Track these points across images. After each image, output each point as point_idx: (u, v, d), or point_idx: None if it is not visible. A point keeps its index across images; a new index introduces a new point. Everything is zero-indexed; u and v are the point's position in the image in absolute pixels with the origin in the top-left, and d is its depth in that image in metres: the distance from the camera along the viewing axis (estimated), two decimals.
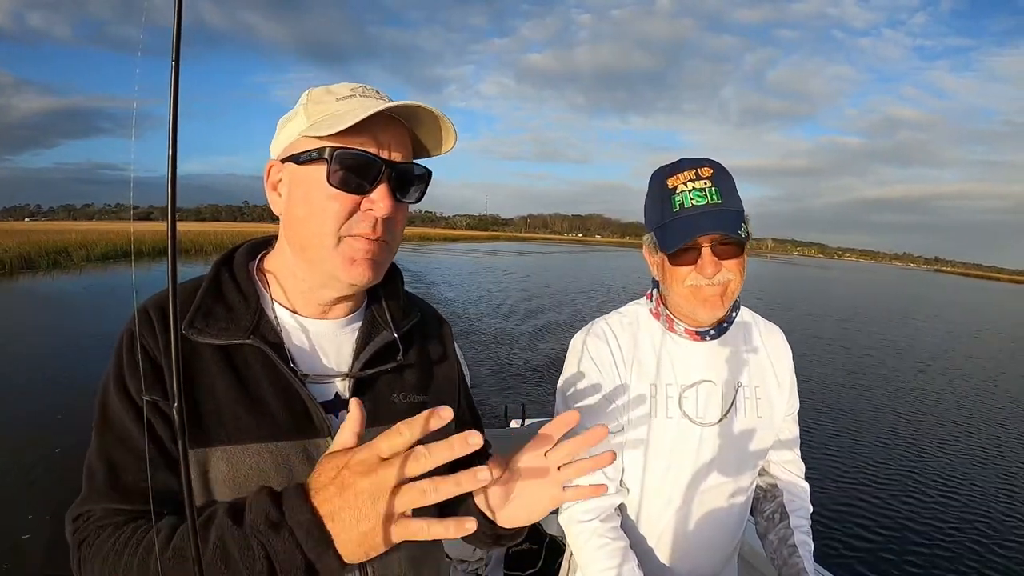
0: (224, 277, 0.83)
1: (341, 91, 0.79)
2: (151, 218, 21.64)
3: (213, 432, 0.74)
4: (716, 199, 1.06)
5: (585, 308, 17.51)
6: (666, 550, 1.23)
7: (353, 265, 0.78)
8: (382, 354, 0.87)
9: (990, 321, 26.79)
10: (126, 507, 0.73)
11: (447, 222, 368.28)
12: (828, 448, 7.01)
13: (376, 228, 0.78)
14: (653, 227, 1.14)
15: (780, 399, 1.26)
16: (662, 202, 1.11)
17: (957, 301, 41.30)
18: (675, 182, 1.09)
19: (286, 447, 0.76)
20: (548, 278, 29.18)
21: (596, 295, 22.00)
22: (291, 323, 0.84)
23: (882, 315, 22.43)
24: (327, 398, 0.82)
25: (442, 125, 0.81)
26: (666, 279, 1.15)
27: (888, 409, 9.02)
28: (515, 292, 21.36)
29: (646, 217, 1.18)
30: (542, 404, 6.94)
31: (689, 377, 1.19)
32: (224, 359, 0.77)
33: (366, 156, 0.76)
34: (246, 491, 0.71)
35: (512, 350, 10.54)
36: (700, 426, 1.18)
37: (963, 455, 7.21)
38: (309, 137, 0.77)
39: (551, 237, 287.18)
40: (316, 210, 0.77)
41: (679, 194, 1.08)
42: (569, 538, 1.21)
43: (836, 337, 15.78)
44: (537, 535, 2.38)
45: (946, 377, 11.74)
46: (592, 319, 1.28)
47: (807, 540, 1.25)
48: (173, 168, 0.48)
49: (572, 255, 62.28)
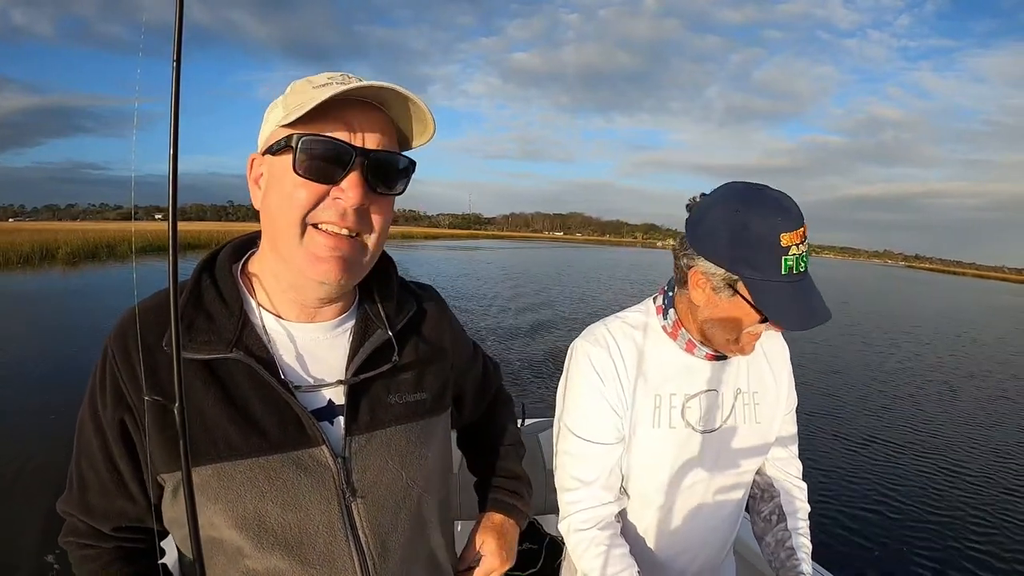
0: (205, 284, 0.77)
1: (319, 79, 0.73)
2: (137, 218, 21.09)
3: (203, 450, 0.70)
4: (807, 266, 0.99)
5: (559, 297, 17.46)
6: (663, 551, 1.22)
7: (318, 262, 0.72)
8: (377, 356, 0.82)
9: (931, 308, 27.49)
10: (101, 528, 0.77)
11: (430, 221, 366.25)
12: (818, 444, 6.97)
13: (345, 218, 0.71)
14: (747, 274, 0.98)
15: (779, 402, 1.23)
16: (767, 252, 0.96)
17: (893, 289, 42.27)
18: (789, 240, 0.95)
19: (278, 460, 0.73)
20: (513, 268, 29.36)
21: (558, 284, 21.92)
22: (277, 330, 0.79)
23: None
24: (320, 405, 0.78)
25: (413, 109, 0.73)
26: (717, 318, 1.05)
27: (864, 402, 9.09)
28: (498, 285, 21.31)
29: (727, 244, 0.99)
30: (541, 404, 6.84)
31: (693, 387, 1.15)
32: (209, 374, 0.73)
33: (334, 143, 0.70)
34: (240, 507, 0.71)
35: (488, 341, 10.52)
36: (701, 433, 1.16)
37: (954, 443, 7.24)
38: (284, 127, 0.71)
39: (530, 235, 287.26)
40: (284, 198, 0.71)
41: (792, 256, 0.96)
42: (569, 547, 1.18)
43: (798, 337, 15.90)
44: (537, 535, 2.34)
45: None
46: (567, 311, 1.28)
47: (805, 542, 1.23)
48: (174, 168, 0.47)
49: (518, 251, 62.61)
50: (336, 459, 0.75)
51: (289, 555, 0.73)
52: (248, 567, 0.72)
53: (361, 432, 0.78)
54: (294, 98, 0.72)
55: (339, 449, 0.76)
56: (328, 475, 0.74)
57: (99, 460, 0.74)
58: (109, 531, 0.78)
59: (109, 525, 0.77)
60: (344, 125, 0.71)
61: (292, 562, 0.73)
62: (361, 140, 0.71)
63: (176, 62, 0.46)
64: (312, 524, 0.73)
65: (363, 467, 0.77)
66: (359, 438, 0.78)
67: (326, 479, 0.74)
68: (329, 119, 0.70)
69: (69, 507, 0.78)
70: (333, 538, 0.74)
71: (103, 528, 0.78)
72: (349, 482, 0.76)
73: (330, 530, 0.74)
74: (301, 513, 0.73)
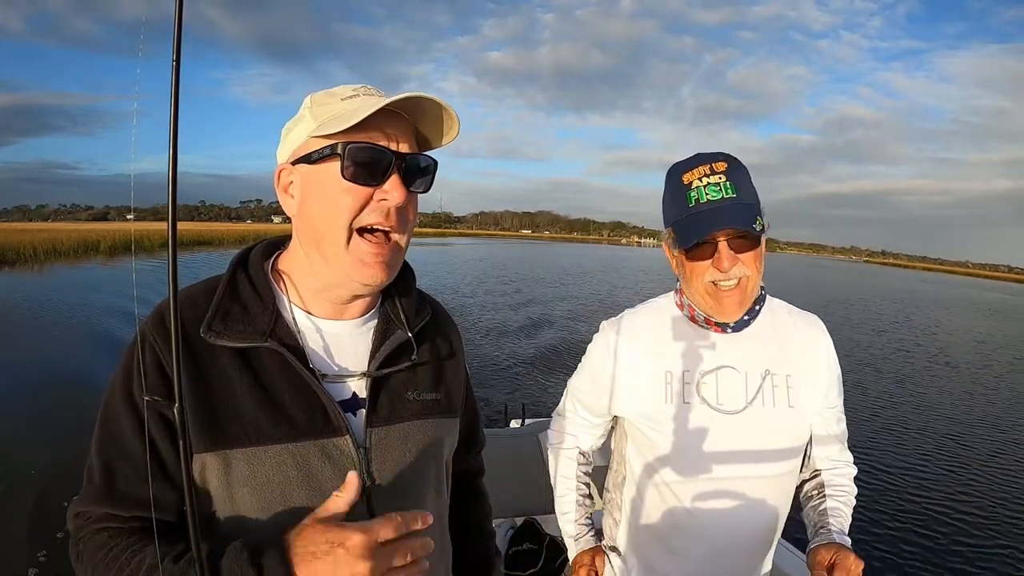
0: (240, 278, 0.80)
1: (344, 92, 0.77)
2: (108, 218, 19.86)
3: (234, 434, 0.71)
4: (731, 193, 1.02)
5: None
6: (690, 533, 1.16)
7: (364, 267, 0.76)
8: (397, 353, 0.85)
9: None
10: (122, 513, 0.72)
11: None
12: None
13: (389, 217, 0.76)
14: (670, 223, 1.09)
15: (816, 390, 1.16)
16: (678, 198, 1.06)
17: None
18: (690, 177, 1.05)
19: (305, 447, 0.74)
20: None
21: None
22: (307, 324, 0.81)
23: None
24: (344, 397, 0.80)
25: (445, 115, 0.79)
26: (685, 275, 1.11)
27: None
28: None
29: (664, 214, 1.13)
30: (541, 403, 6.73)
31: (708, 364, 1.14)
32: (242, 362, 0.74)
33: (378, 149, 0.74)
34: (268, 492, 0.72)
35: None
36: (722, 413, 1.12)
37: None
38: (319, 137, 0.75)
39: (497, 233, 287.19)
40: (330, 204, 0.75)
41: (694, 189, 1.04)
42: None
43: None
44: (537, 535, 2.32)
45: None
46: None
47: (840, 507, 1.15)
48: (174, 168, 0.45)
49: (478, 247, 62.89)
50: (358, 449, 0.77)
51: None
52: None
53: (381, 424, 0.80)
54: (322, 110, 0.76)
55: (361, 439, 0.78)
56: (351, 464, 0.76)
57: (134, 444, 0.71)
58: (137, 524, 0.73)
59: (138, 516, 0.73)
60: (380, 132, 0.75)
61: None
62: (396, 145, 0.76)
63: (176, 62, 0.44)
64: None
65: (382, 458, 0.80)
66: (379, 430, 0.80)
67: (349, 468, 0.74)
68: (368, 128, 0.73)
69: (88, 505, 0.73)
70: None
71: (130, 522, 0.73)
72: (369, 472, 0.78)
73: (351, 517, 0.72)
74: (325, 500, 0.71)
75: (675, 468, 1.14)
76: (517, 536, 2.31)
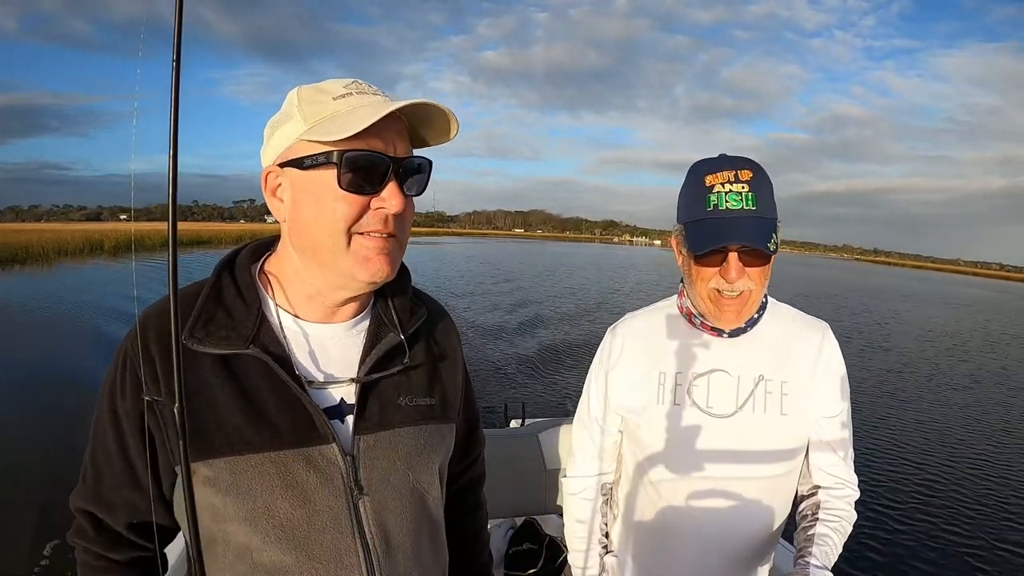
0: (226, 281, 0.78)
1: (335, 89, 0.73)
2: (101, 219, 19.79)
3: (216, 444, 0.70)
4: (751, 205, 0.99)
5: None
6: (681, 534, 1.16)
7: (368, 263, 0.73)
8: (389, 357, 0.81)
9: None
10: (106, 518, 0.76)
11: None
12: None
13: (388, 224, 0.74)
14: (684, 220, 1.07)
15: (815, 397, 1.12)
16: (697, 198, 1.03)
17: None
18: (713, 180, 1.01)
19: (289, 455, 0.72)
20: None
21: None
22: (294, 329, 0.78)
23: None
24: (332, 404, 0.77)
25: (451, 120, 0.76)
26: (689, 275, 1.09)
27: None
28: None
29: (679, 208, 1.10)
30: (541, 403, 6.70)
31: (701, 366, 1.13)
32: (225, 369, 0.72)
33: (375, 156, 0.71)
34: (251, 501, 0.71)
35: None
36: (712, 417, 1.11)
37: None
38: (311, 141, 0.71)
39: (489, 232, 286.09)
40: (326, 212, 0.71)
41: (715, 193, 1.01)
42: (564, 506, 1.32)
43: None
44: (537, 535, 2.29)
45: None
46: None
47: (830, 534, 1.09)
48: (174, 168, 0.45)
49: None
50: (345, 457, 0.75)
51: (296, 549, 0.71)
52: (256, 560, 0.71)
53: (370, 431, 0.78)
54: (312, 109, 0.71)
55: (348, 447, 0.76)
56: (337, 472, 0.74)
57: (114, 452, 0.74)
58: (123, 528, 0.76)
59: (123, 520, 0.76)
60: (378, 136, 0.71)
61: (299, 556, 0.71)
62: (393, 149, 0.73)
63: (176, 61, 0.44)
64: (320, 520, 0.72)
65: (371, 466, 0.77)
66: (368, 437, 0.77)
67: (335, 476, 0.74)
68: (364, 131, 0.68)
69: (82, 501, 0.76)
70: (340, 534, 0.73)
71: (116, 525, 0.76)
72: (357, 480, 0.75)
73: (337, 526, 0.73)
74: (309, 509, 0.72)
75: (665, 468, 1.15)
76: (517, 536, 2.29)
